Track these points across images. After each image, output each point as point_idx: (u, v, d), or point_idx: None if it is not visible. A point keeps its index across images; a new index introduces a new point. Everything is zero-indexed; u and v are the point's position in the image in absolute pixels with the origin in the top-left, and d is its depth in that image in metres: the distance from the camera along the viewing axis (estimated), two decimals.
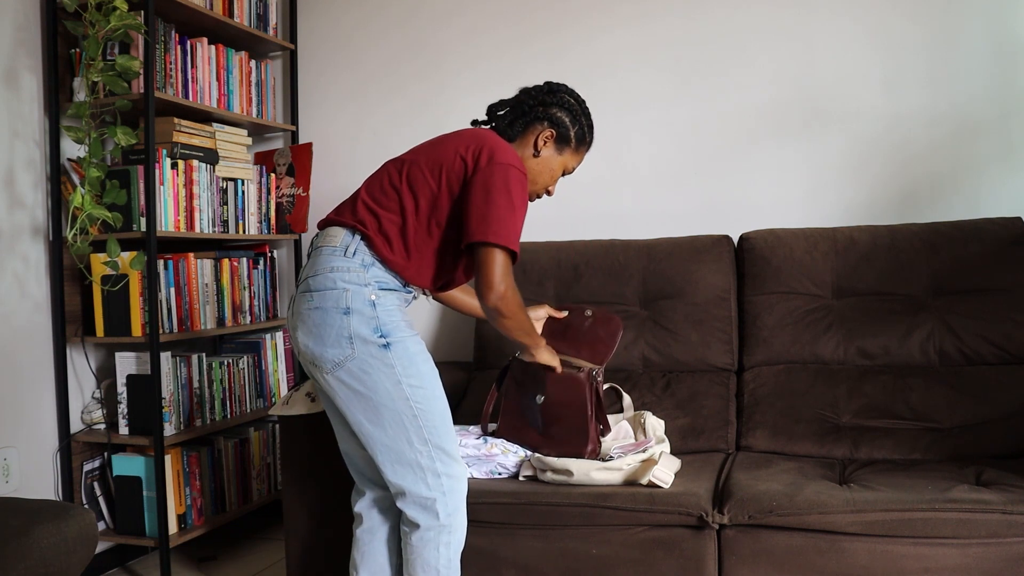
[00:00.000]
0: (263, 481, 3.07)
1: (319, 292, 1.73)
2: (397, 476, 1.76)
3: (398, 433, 1.74)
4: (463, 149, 1.79)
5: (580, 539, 1.95)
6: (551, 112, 1.94)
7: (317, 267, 1.76)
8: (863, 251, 2.47)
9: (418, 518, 1.77)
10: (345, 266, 1.74)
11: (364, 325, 1.71)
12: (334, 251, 1.77)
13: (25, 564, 1.53)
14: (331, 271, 1.74)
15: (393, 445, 1.74)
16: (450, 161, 1.78)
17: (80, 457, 2.68)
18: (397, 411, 1.73)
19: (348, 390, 1.73)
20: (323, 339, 1.72)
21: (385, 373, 1.72)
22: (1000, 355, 2.32)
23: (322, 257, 1.77)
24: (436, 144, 1.86)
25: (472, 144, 1.79)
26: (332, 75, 3.30)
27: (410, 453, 1.74)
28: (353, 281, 1.73)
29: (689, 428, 2.39)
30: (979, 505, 1.75)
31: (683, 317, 2.55)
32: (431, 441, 1.76)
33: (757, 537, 1.86)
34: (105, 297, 2.62)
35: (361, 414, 1.74)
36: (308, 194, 3.23)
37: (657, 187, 2.92)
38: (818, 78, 2.77)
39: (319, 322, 1.72)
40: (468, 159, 1.77)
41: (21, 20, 2.53)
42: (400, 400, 1.73)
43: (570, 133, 1.95)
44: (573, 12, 3.00)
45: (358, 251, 1.76)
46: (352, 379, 1.72)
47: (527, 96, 1.96)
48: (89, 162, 2.45)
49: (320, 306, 1.72)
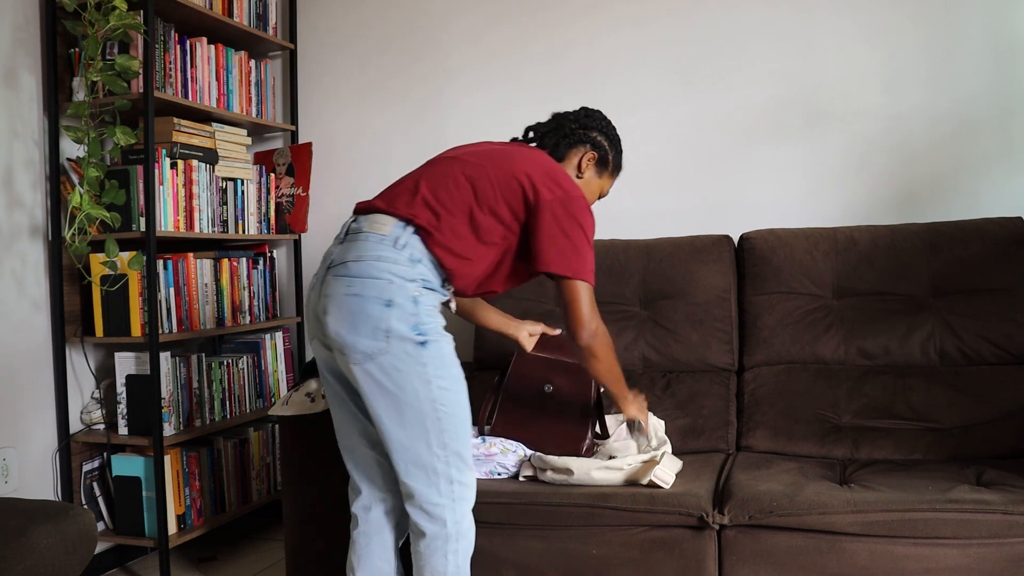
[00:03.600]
0: (263, 481, 3.07)
1: (361, 279, 1.67)
2: (410, 477, 1.72)
3: (418, 434, 1.70)
4: (533, 172, 1.80)
5: (580, 539, 1.95)
6: (592, 135, 2.00)
7: (361, 252, 1.70)
8: (863, 251, 2.47)
9: (424, 525, 1.74)
10: (393, 257, 1.69)
11: (403, 321, 1.66)
12: (382, 239, 1.71)
13: (24, 564, 1.53)
14: (377, 259, 1.68)
15: (411, 446, 1.70)
16: (519, 180, 1.79)
17: (79, 457, 2.68)
18: (421, 412, 1.69)
19: (373, 383, 1.68)
20: (357, 328, 1.66)
21: (416, 372, 1.68)
22: (1001, 355, 2.32)
23: (368, 244, 1.71)
24: (502, 157, 1.84)
25: (540, 168, 1.81)
26: (332, 75, 3.29)
27: (427, 456, 1.71)
28: (399, 274, 1.68)
29: (689, 428, 2.38)
30: (980, 505, 1.75)
31: (683, 317, 2.55)
32: (450, 446, 1.72)
33: (757, 537, 1.86)
34: (104, 297, 2.61)
35: (383, 410, 1.69)
36: (308, 194, 3.23)
37: (657, 187, 2.92)
38: (818, 78, 2.77)
39: (356, 310, 1.66)
40: (537, 183, 1.78)
41: (20, 20, 2.53)
42: (427, 401, 1.69)
43: (608, 157, 2.02)
44: (574, 12, 3.00)
45: (408, 245, 1.72)
46: (381, 374, 1.67)
47: (567, 119, 2.01)
48: (88, 162, 2.45)
49: (360, 293, 1.66)
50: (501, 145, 1.93)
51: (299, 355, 3.32)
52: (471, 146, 1.91)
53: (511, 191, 1.78)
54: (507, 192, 1.78)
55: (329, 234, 3.25)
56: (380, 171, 3.21)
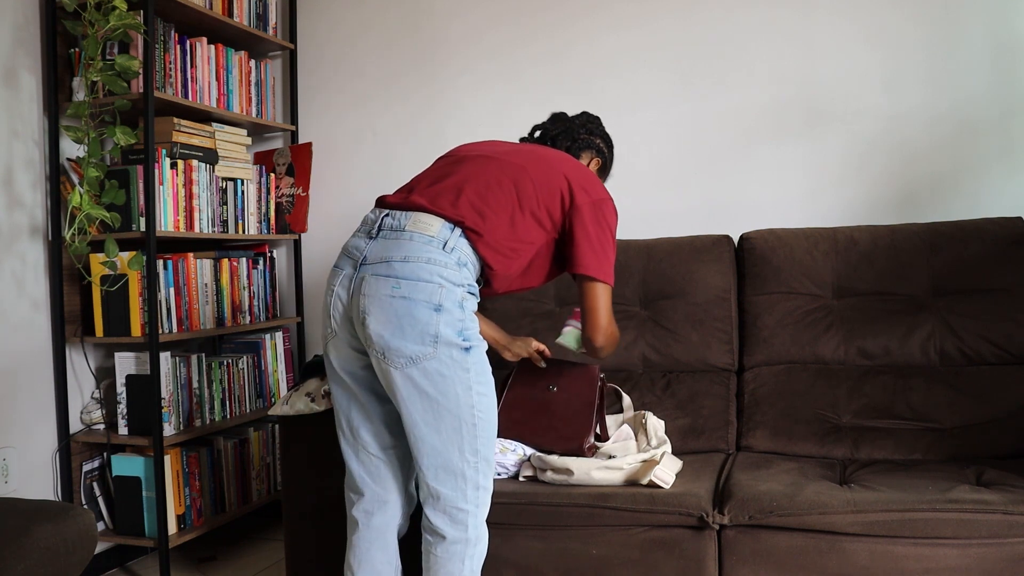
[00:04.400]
0: (263, 481, 3.07)
1: (410, 281, 1.62)
2: (438, 481, 1.70)
3: (452, 440, 1.68)
4: (571, 175, 1.83)
5: (580, 539, 1.95)
6: (596, 141, 2.06)
7: (408, 253, 1.65)
8: (863, 251, 2.47)
9: (446, 530, 1.71)
10: (443, 260, 1.65)
11: (451, 326, 1.63)
12: (430, 241, 1.67)
13: (24, 565, 1.52)
14: (428, 262, 1.64)
15: (444, 451, 1.68)
16: (558, 186, 1.81)
17: (79, 457, 2.68)
18: (459, 417, 1.67)
19: (414, 388, 1.64)
20: (404, 331, 1.61)
21: (460, 377, 1.66)
22: (1001, 355, 2.32)
23: (414, 244, 1.66)
24: (539, 158, 1.85)
25: (577, 172, 1.85)
26: (332, 75, 3.29)
27: (459, 462, 1.69)
28: (449, 279, 1.65)
29: (689, 428, 2.38)
30: (980, 505, 1.75)
31: (683, 317, 2.55)
32: (481, 452, 1.71)
33: (757, 537, 1.86)
34: (104, 297, 2.61)
35: (419, 414, 1.66)
36: (308, 194, 3.23)
37: (657, 187, 2.92)
38: (818, 78, 2.77)
39: (404, 313, 1.61)
40: (575, 187, 1.82)
41: (20, 20, 2.53)
42: (466, 407, 1.67)
43: (608, 163, 2.11)
44: (574, 12, 3.00)
45: (456, 248, 1.68)
46: (425, 379, 1.63)
47: (576, 125, 2.06)
48: (88, 162, 2.45)
49: (409, 296, 1.62)
50: (529, 146, 1.93)
51: (299, 355, 3.32)
52: (498, 145, 1.91)
53: (551, 193, 1.80)
54: (548, 194, 1.80)
55: (329, 234, 3.26)
56: (380, 171, 3.22)
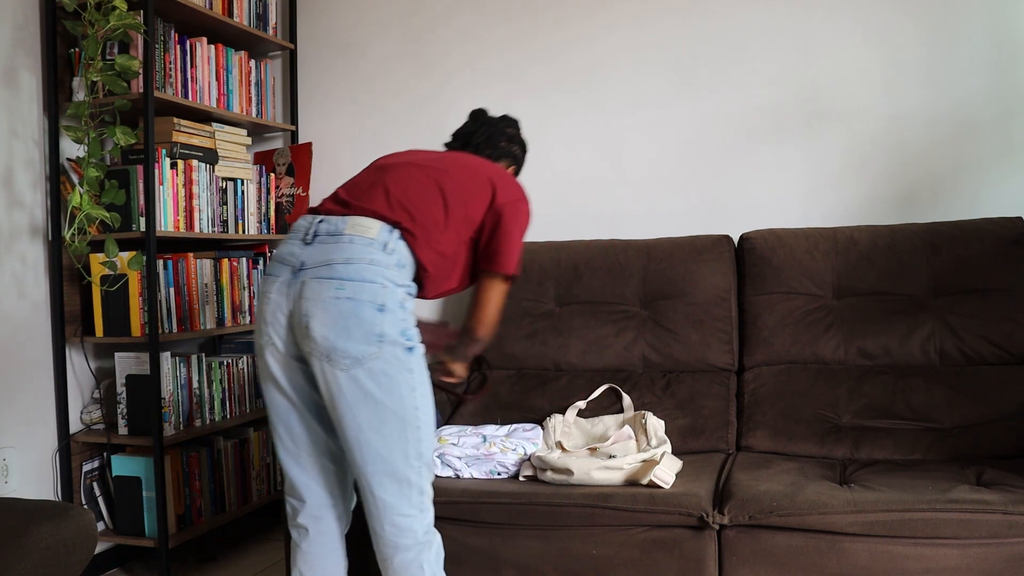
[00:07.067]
0: (263, 481, 3.07)
1: (354, 282, 1.64)
2: (383, 489, 1.69)
3: (396, 444, 1.68)
4: (494, 178, 1.89)
5: (580, 539, 1.95)
6: (514, 150, 2.13)
7: (350, 255, 1.67)
8: (863, 251, 2.47)
9: (396, 539, 1.71)
10: (385, 261, 1.68)
11: (394, 326, 1.65)
12: (371, 243, 1.69)
13: (24, 565, 1.52)
14: (371, 263, 1.66)
15: (388, 456, 1.68)
16: (480, 188, 1.86)
17: (79, 457, 2.67)
18: (404, 420, 1.68)
19: (359, 390, 1.64)
20: (349, 332, 1.62)
21: (404, 378, 1.67)
22: (1001, 355, 2.32)
23: (355, 246, 1.68)
24: (464, 166, 1.89)
25: (497, 176, 1.90)
26: (332, 75, 3.29)
27: (404, 467, 1.69)
28: (392, 279, 1.67)
29: (689, 428, 2.38)
30: (980, 505, 1.75)
31: (683, 317, 2.55)
32: (424, 456, 1.72)
33: (757, 537, 1.86)
34: (104, 297, 2.61)
35: (364, 418, 1.66)
36: (308, 194, 3.23)
37: (657, 187, 2.92)
38: (818, 78, 2.77)
39: (349, 313, 1.62)
40: (497, 190, 1.87)
41: (20, 20, 2.53)
42: (410, 409, 1.68)
43: (520, 169, 2.18)
44: (573, 11, 3.00)
45: (396, 250, 1.71)
46: (370, 379, 1.64)
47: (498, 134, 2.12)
48: (88, 162, 2.45)
49: (354, 297, 1.63)
50: (451, 153, 1.98)
51: None
52: (420, 153, 1.95)
53: (474, 195, 1.85)
54: (471, 196, 1.84)
55: None
56: None
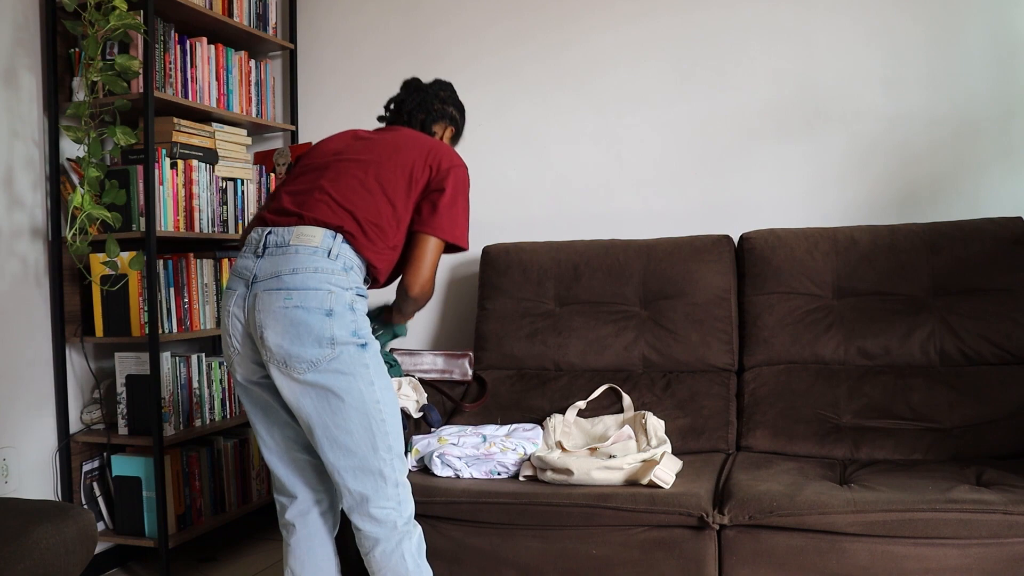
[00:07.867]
0: (263, 481, 3.07)
1: (301, 291, 1.69)
2: (359, 483, 1.73)
3: (363, 439, 1.71)
4: (428, 157, 1.90)
5: (580, 539, 1.95)
6: (448, 110, 2.13)
7: (296, 265, 1.71)
8: (863, 251, 2.47)
9: (375, 532, 1.74)
10: (330, 268, 1.72)
11: (344, 328, 1.69)
12: (315, 251, 1.73)
13: (24, 565, 1.52)
14: (315, 271, 1.71)
15: (356, 451, 1.71)
16: (419, 168, 1.88)
17: (79, 457, 2.67)
18: (367, 414, 1.71)
19: (319, 392, 1.69)
20: (301, 338, 1.67)
21: (361, 374, 1.70)
22: (1001, 355, 2.32)
23: (300, 256, 1.72)
24: (393, 147, 1.91)
25: (432, 151, 1.92)
26: (332, 74, 3.29)
27: (375, 461, 1.72)
28: (338, 284, 1.72)
29: (689, 428, 2.38)
30: (980, 505, 1.75)
31: (683, 317, 2.55)
32: (394, 449, 1.75)
33: (757, 537, 1.86)
34: (104, 297, 2.61)
35: (328, 417, 1.70)
36: None
37: (657, 187, 2.92)
38: (818, 78, 2.77)
39: (298, 321, 1.67)
40: (432, 166, 1.89)
41: (20, 20, 2.53)
42: (371, 403, 1.71)
43: (461, 129, 2.19)
44: (573, 10, 3.00)
45: (341, 254, 1.75)
46: (327, 379, 1.68)
47: (431, 97, 2.11)
48: (88, 162, 2.44)
49: (301, 305, 1.68)
50: (379, 136, 1.97)
51: None
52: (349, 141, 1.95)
53: (417, 179, 1.87)
54: (406, 179, 1.86)
55: None
56: None
